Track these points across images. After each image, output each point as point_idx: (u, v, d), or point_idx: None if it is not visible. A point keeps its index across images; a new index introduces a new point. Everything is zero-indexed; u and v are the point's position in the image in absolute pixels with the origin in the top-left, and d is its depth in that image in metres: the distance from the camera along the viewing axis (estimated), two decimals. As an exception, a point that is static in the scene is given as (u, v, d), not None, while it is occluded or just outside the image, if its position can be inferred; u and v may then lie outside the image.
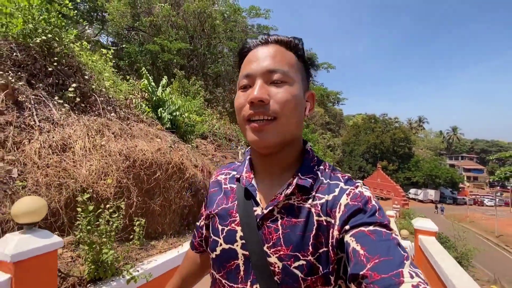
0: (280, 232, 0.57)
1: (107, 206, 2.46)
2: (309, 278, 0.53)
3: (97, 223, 2.27)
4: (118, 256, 2.41)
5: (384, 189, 24.08)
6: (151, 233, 3.23)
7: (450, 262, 2.88)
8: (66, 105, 3.36)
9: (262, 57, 0.58)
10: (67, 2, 3.83)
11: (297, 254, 0.54)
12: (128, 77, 7.49)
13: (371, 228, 0.49)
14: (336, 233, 0.53)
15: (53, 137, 2.81)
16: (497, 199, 38.80)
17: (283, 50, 0.60)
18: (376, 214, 0.51)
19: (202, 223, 0.80)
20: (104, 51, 5.54)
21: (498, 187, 46.09)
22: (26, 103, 3.04)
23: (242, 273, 0.60)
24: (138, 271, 2.46)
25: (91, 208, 2.18)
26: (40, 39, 3.32)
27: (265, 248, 0.57)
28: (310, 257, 0.54)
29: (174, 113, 4.97)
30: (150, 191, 3.25)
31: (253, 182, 0.65)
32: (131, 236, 2.82)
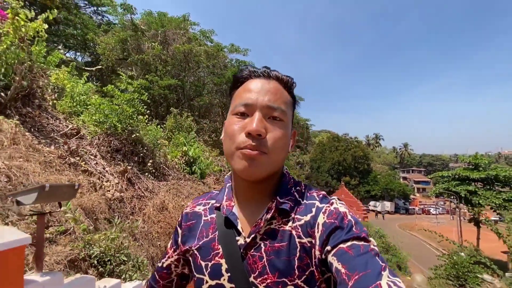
0: (265, 259, 0.57)
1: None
2: None
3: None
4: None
5: (348, 204, 27.38)
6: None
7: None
8: (150, 176, 5.20)
9: (264, 91, 0.59)
10: (140, 106, 5.70)
11: (285, 280, 0.55)
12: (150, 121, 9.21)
13: (349, 243, 0.50)
14: (317, 253, 0.54)
15: (156, 202, 4.67)
16: (440, 208, 45.41)
17: (282, 88, 0.62)
18: (353, 229, 0.52)
19: (168, 262, 0.74)
20: (141, 118, 7.33)
21: (442, 197, 53.16)
22: (133, 179, 4.84)
23: None
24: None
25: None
26: (134, 135, 5.16)
27: (251, 279, 0.57)
28: (297, 281, 0.55)
29: (202, 167, 6.95)
30: (207, 231, 5.18)
31: (234, 210, 0.65)
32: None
